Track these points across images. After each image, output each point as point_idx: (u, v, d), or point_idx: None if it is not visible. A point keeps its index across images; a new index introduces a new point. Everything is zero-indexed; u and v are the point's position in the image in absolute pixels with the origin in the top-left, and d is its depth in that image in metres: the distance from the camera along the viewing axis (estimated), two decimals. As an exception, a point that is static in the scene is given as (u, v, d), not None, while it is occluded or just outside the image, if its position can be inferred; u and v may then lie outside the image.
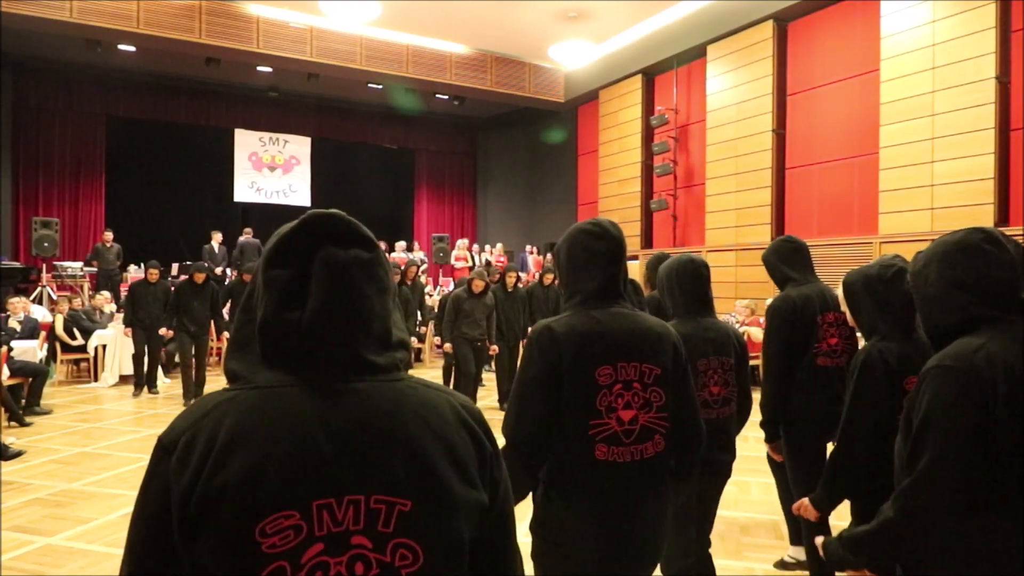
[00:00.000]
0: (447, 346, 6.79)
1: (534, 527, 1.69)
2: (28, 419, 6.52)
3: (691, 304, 2.36)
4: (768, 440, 2.91)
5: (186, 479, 0.76)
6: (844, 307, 2.40)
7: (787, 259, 2.94)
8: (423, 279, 11.02)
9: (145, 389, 8.08)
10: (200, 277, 7.53)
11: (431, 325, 8.29)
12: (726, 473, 2.40)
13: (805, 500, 1.98)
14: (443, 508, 0.82)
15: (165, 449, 0.80)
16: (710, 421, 2.22)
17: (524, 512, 1.54)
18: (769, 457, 3.20)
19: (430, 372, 9.55)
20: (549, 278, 7.73)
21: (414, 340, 7.41)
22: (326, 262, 0.83)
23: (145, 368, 8.07)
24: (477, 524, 0.87)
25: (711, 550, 2.53)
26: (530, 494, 1.73)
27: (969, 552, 1.36)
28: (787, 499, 3.16)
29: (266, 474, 0.75)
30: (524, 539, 1.48)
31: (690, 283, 2.36)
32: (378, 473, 0.79)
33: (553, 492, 1.64)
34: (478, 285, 6.64)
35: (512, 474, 1.49)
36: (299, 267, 0.84)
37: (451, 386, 7.56)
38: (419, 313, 8.37)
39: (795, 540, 3.33)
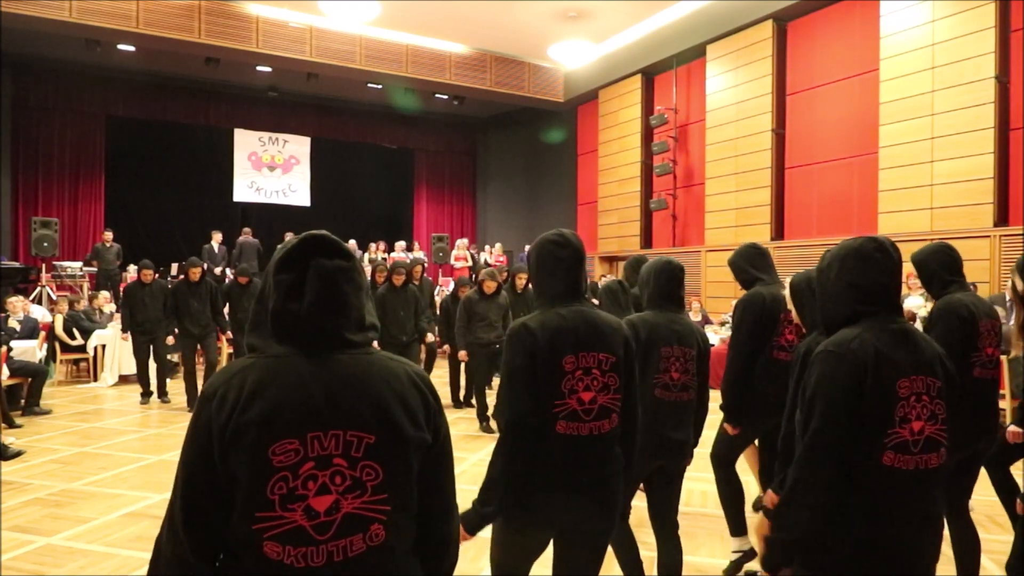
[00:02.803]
0: (462, 354, 6.42)
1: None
2: (27, 419, 6.53)
3: (663, 299, 2.65)
4: (727, 420, 3.16)
5: (224, 416, 1.08)
6: (790, 305, 2.74)
7: (755, 262, 3.20)
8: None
9: (155, 397, 7.60)
10: (195, 274, 7.20)
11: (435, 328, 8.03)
12: (683, 452, 2.62)
13: (770, 491, 2.04)
14: (397, 442, 1.15)
15: (207, 398, 1.12)
16: (669, 402, 2.55)
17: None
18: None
19: (434, 374, 9.54)
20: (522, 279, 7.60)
21: (429, 336, 7.13)
22: (317, 269, 1.15)
23: (152, 375, 7.63)
24: (422, 457, 1.21)
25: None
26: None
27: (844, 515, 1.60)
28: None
29: (276, 414, 1.08)
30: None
31: (666, 281, 2.66)
32: (353, 416, 1.12)
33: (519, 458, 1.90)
34: (490, 286, 6.40)
35: (509, 450, 1.86)
36: (298, 272, 1.16)
37: (462, 390, 7.37)
38: (431, 311, 8.05)
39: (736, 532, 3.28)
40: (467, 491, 2.04)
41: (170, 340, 7.36)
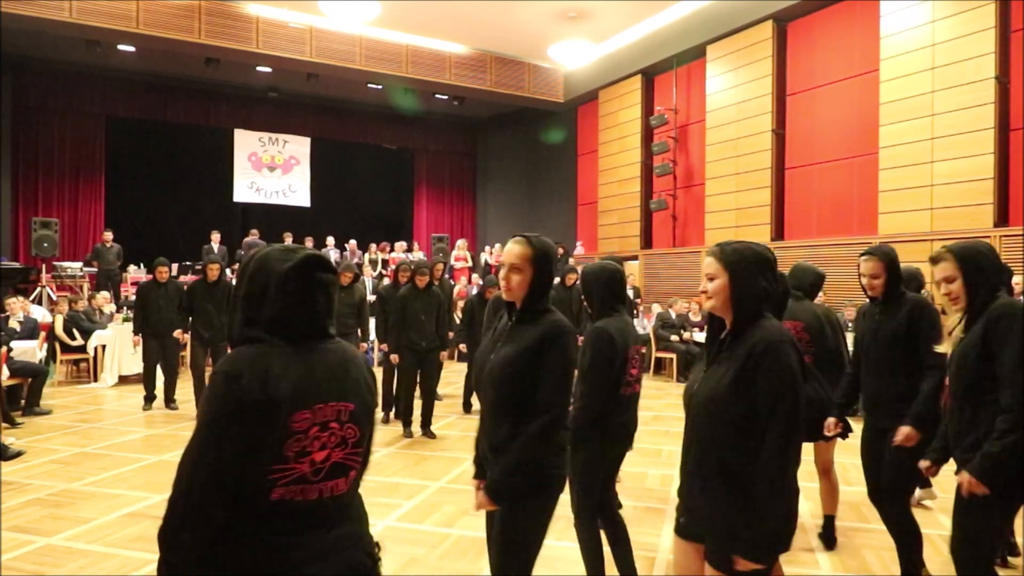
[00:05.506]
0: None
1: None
2: (27, 419, 6.53)
3: (615, 303, 2.81)
4: None
5: (254, 393, 1.37)
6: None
7: None
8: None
9: (160, 403, 7.34)
10: (214, 272, 6.83)
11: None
12: (632, 437, 2.88)
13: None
14: (368, 408, 1.55)
15: (232, 377, 1.37)
16: (628, 396, 2.79)
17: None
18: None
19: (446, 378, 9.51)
20: (572, 278, 7.41)
21: (443, 355, 6.38)
22: (318, 281, 1.52)
23: (159, 380, 7.34)
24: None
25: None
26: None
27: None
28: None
29: (296, 391, 1.41)
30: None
31: (612, 285, 2.82)
32: (341, 390, 1.49)
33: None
34: None
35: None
36: (302, 283, 1.51)
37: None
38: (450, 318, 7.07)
39: None
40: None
41: (178, 334, 7.04)
